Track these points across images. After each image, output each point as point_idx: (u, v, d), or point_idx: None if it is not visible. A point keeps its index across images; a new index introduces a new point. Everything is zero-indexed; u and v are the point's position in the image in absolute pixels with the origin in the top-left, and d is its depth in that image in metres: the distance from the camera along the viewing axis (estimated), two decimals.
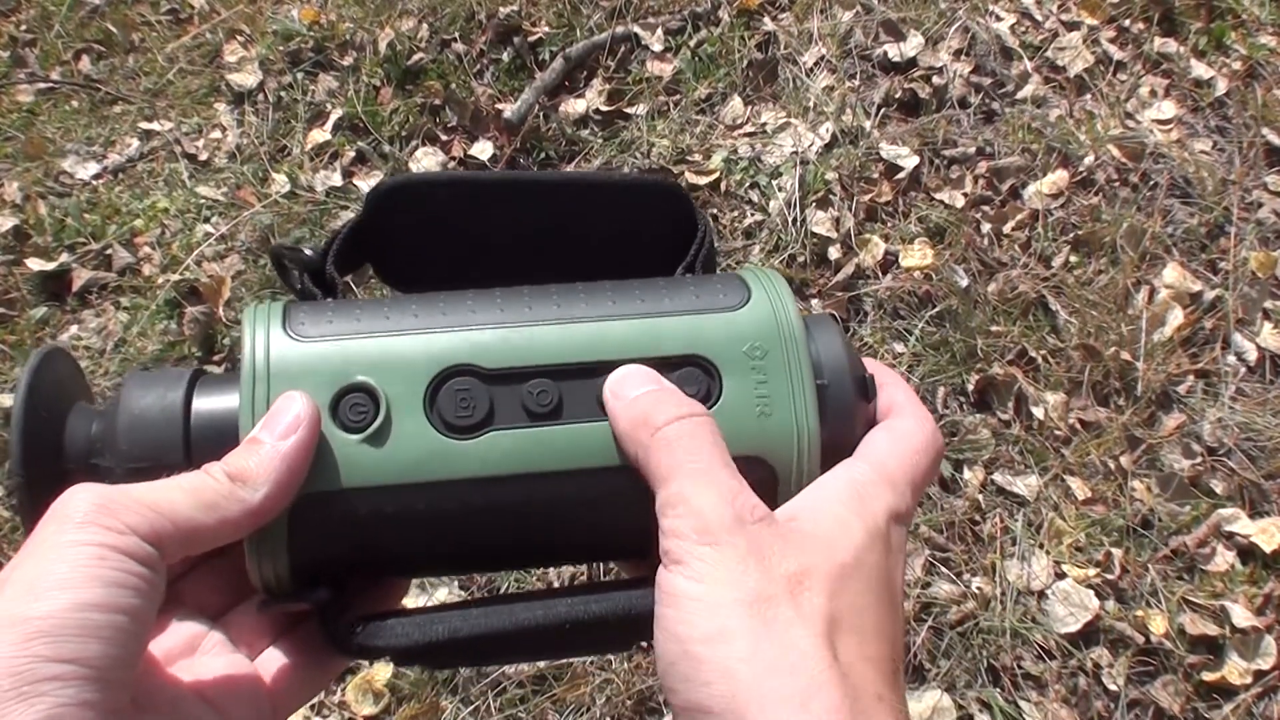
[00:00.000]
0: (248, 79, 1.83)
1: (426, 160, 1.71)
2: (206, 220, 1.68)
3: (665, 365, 0.36)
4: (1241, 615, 1.31)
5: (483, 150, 1.72)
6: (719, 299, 0.38)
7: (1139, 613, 1.33)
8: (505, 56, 1.81)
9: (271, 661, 0.38)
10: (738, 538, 0.32)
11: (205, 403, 0.36)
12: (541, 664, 1.29)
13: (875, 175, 1.69)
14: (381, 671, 1.28)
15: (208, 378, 0.38)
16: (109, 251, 1.65)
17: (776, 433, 0.36)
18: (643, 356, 0.36)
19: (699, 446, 0.34)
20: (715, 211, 1.67)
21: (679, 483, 0.33)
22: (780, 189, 1.66)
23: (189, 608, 0.38)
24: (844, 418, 0.37)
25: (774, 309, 0.37)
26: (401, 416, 0.35)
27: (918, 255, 1.61)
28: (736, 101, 1.77)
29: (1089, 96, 1.79)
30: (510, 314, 0.37)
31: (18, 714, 0.29)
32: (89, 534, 0.30)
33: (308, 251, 0.41)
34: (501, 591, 1.34)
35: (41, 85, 1.88)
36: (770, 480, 0.36)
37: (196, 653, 0.37)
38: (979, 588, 1.35)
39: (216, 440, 0.35)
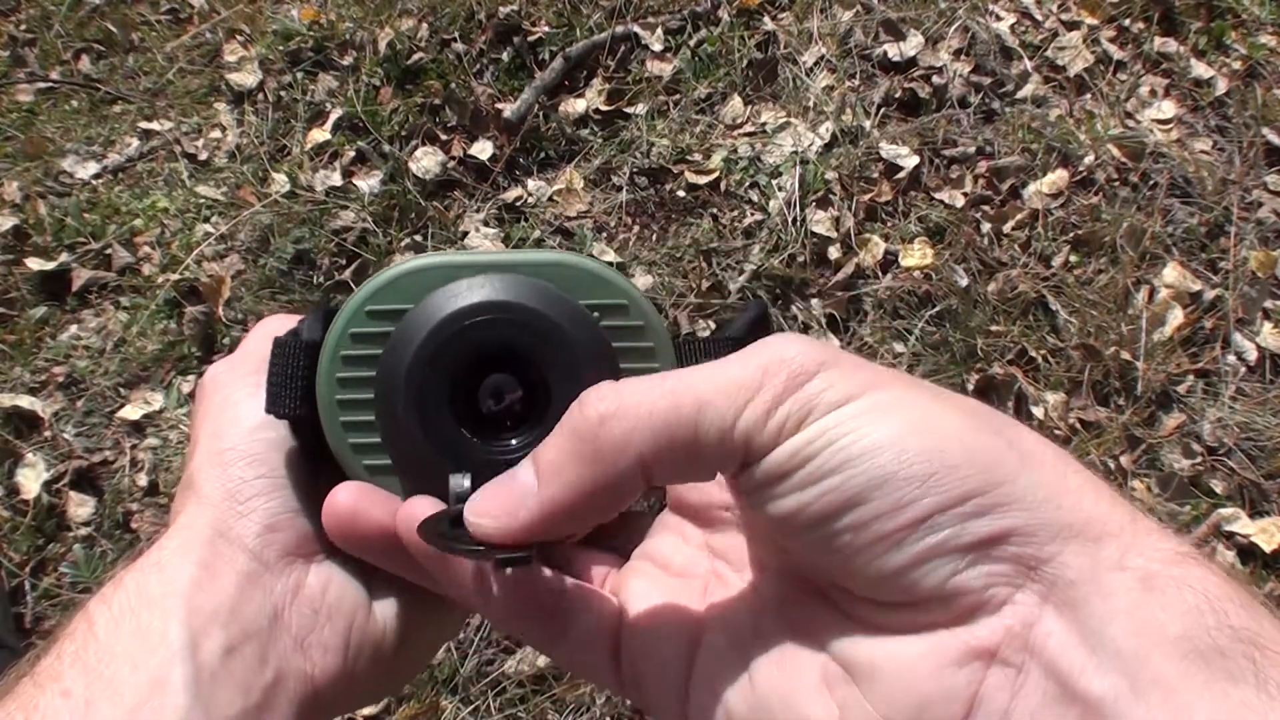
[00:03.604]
0: (247, 78, 1.83)
1: (426, 159, 1.71)
2: (206, 220, 1.68)
3: None
4: None
5: (483, 150, 1.72)
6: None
7: None
8: (505, 56, 1.81)
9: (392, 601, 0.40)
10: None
11: None
12: (541, 663, 1.29)
13: (875, 175, 1.69)
14: None
15: None
16: (109, 251, 1.64)
17: None
18: None
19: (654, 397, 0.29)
20: (715, 211, 1.67)
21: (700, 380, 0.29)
22: (780, 188, 1.66)
23: None
24: None
25: None
26: None
27: (918, 255, 1.61)
28: (736, 101, 1.77)
29: (1089, 96, 1.79)
30: None
31: (244, 528, 0.36)
32: (251, 379, 0.39)
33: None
34: None
35: (41, 85, 1.88)
36: None
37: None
38: None
39: None
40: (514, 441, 0.35)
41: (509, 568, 0.30)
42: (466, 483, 0.33)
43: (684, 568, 0.36)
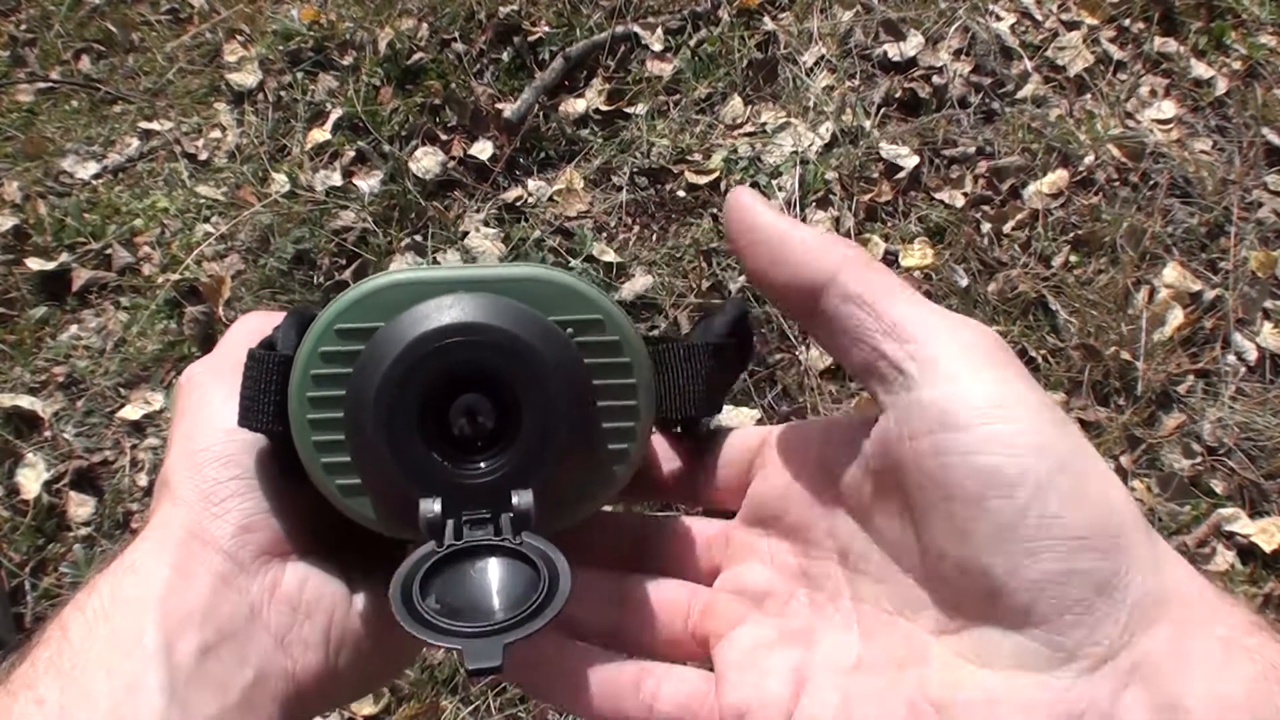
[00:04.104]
0: (248, 78, 1.83)
1: (426, 159, 1.71)
2: (206, 220, 1.68)
3: None
4: None
5: (483, 150, 1.72)
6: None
7: None
8: (505, 56, 1.81)
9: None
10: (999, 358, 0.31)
11: None
12: None
13: (875, 175, 1.69)
14: None
15: None
16: (109, 251, 1.65)
17: None
18: None
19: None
20: (715, 211, 1.66)
21: (919, 309, 0.31)
22: (780, 189, 1.66)
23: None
24: None
25: None
26: None
27: (918, 255, 1.61)
28: (736, 101, 1.77)
29: (1089, 96, 1.79)
30: None
31: (218, 529, 0.36)
32: (227, 379, 0.38)
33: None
34: None
35: (41, 85, 1.88)
36: None
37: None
38: None
39: None
40: (484, 464, 0.35)
41: (477, 677, 0.30)
42: (436, 507, 0.33)
43: (780, 604, 0.36)
